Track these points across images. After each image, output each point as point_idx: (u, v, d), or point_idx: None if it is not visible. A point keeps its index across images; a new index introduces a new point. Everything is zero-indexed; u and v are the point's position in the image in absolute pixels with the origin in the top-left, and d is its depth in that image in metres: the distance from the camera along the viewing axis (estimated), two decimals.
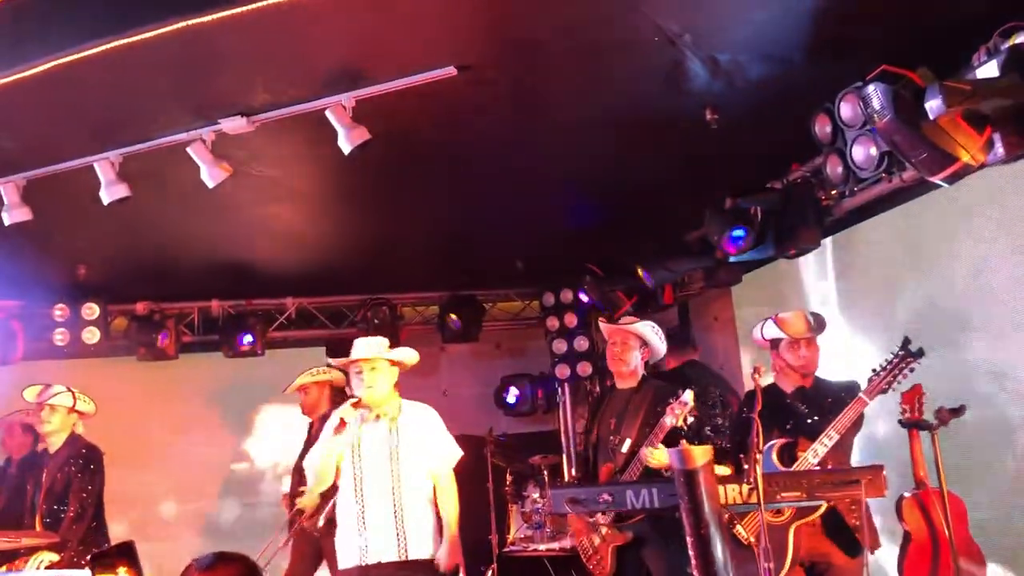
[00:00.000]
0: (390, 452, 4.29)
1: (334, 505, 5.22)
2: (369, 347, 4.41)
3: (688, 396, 4.25)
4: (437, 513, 4.37)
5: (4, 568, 4.81)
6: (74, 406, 5.44)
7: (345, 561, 4.30)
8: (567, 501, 3.88)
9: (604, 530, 4.50)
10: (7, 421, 5.92)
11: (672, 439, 4.27)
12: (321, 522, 5.37)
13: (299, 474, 6.03)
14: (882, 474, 3.47)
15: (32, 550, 4.95)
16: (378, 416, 4.36)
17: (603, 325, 4.93)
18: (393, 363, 4.42)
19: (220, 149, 4.26)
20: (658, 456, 4.25)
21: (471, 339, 8.03)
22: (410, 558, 4.17)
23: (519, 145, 4.91)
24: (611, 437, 4.58)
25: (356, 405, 4.29)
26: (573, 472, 7.94)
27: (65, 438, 5.43)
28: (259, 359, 7.47)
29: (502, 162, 5.12)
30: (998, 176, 4.04)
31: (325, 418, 6.08)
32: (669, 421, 4.24)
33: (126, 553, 1.99)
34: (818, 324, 4.24)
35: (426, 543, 4.24)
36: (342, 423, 4.24)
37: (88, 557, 1.90)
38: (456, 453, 4.48)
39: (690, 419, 4.27)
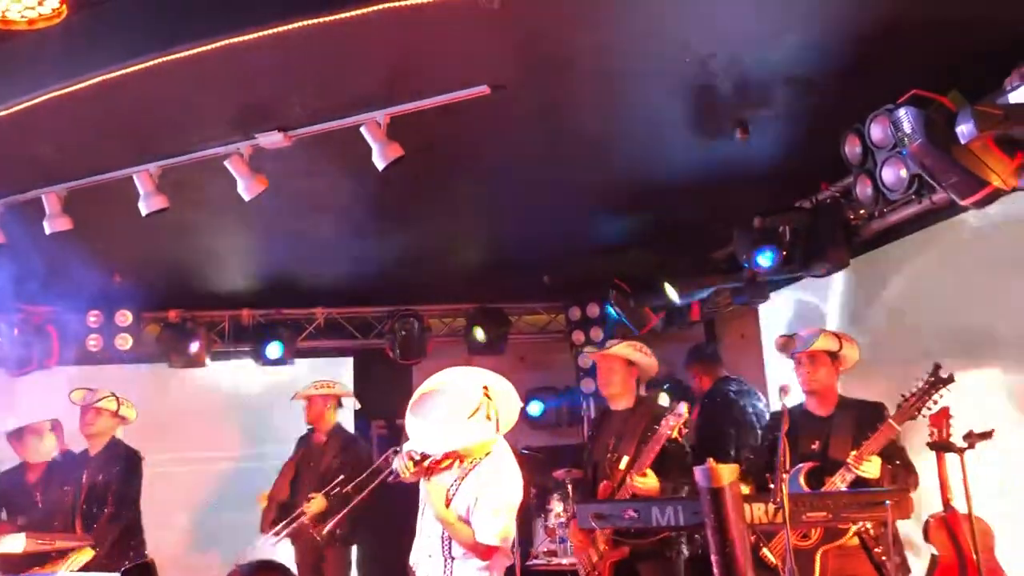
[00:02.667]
0: (446, 498, 3.82)
1: (341, 518, 5.29)
2: (428, 436, 3.72)
3: (683, 408, 4.40)
4: (498, 558, 3.86)
5: (36, 570, 4.90)
6: (118, 411, 5.60)
7: (412, 563, 4.10)
8: (592, 517, 3.91)
9: (602, 546, 4.54)
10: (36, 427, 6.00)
11: (665, 457, 4.39)
12: (326, 530, 5.50)
13: (287, 477, 6.12)
14: (909, 496, 3.48)
15: (64, 552, 5.05)
16: (452, 463, 3.87)
17: (589, 354, 5.03)
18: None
19: (256, 163, 4.34)
20: (644, 483, 4.32)
21: (497, 352, 8.07)
22: None
23: (548, 160, 4.95)
24: (608, 455, 4.67)
25: (419, 465, 3.83)
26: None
27: (106, 442, 5.57)
28: (288, 367, 7.56)
29: (531, 177, 5.16)
30: None
31: (334, 434, 6.17)
32: (666, 433, 4.35)
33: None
34: (790, 343, 4.25)
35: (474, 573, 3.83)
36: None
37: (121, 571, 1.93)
38: (493, 533, 3.72)
39: (684, 430, 4.36)
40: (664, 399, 6.34)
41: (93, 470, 5.47)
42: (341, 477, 5.63)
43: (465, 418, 3.70)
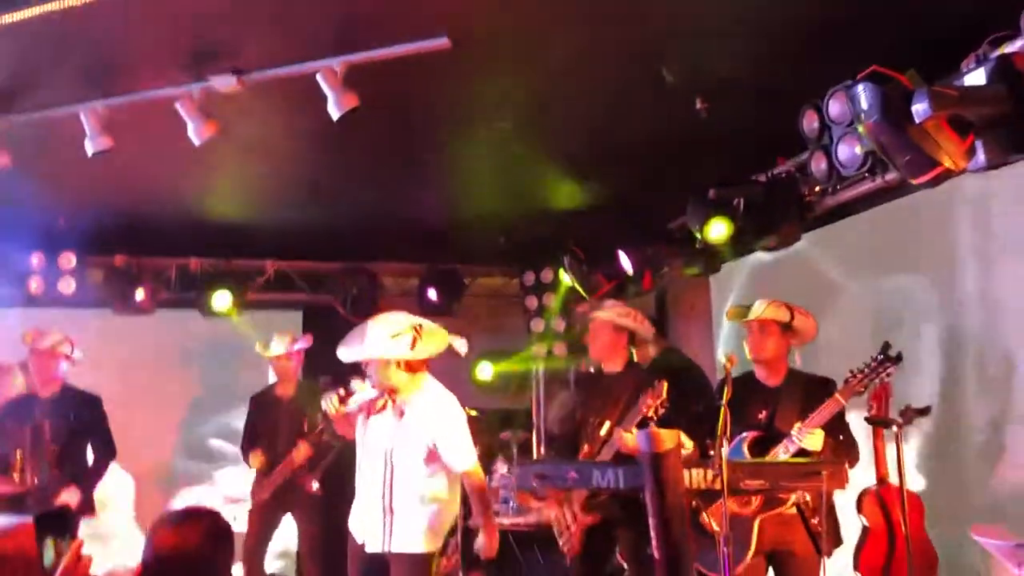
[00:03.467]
0: (385, 446, 4.08)
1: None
2: (368, 347, 4.03)
3: (662, 388, 4.30)
4: (437, 505, 4.12)
5: None
6: (71, 354, 5.51)
7: (350, 526, 4.26)
8: (534, 476, 3.94)
9: (577, 509, 4.55)
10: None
11: (645, 424, 4.31)
12: (316, 482, 5.54)
13: (267, 437, 6.10)
14: (844, 467, 3.56)
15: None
16: (384, 404, 4.13)
17: (579, 311, 4.99)
18: (388, 360, 4.02)
19: (208, 106, 4.23)
20: (631, 439, 4.29)
21: (449, 313, 8.03)
22: (392, 551, 4.04)
23: (507, 120, 4.90)
24: (591, 419, 4.64)
25: (344, 399, 4.08)
26: (542, 450, 8.01)
27: (60, 385, 5.54)
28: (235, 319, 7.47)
29: (488, 137, 5.12)
30: None
31: (301, 384, 6.17)
32: (642, 411, 4.30)
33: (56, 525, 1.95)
34: (743, 312, 4.28)
35: (411, 539, 4.03)
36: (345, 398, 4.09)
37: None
38: (468, 460, 4.14)
39: (661, 410, 4.30)
40: None
41: (55, 413, 5.41)
42: (321, 426, 5.62)
43: (388, 336, 3.98)
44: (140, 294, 7.09)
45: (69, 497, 5.23)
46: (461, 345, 4.21)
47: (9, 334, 5.76)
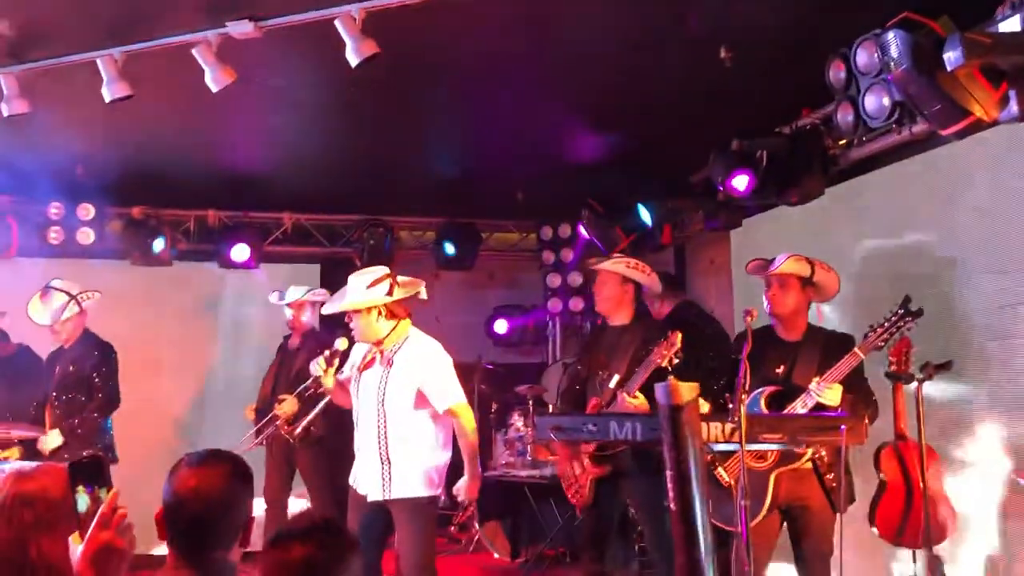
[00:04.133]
0: (377, 395, 4.16)
1: (312, 419, 5.34)
2: (347, 300, 4.17)
3: (676, 338, 4.27)
4: (432, 450, 4.19)
5: None
6: (82, 310, 5.52)
7: (351, 479, 4.34)
8: (551, 428, 3.93)
9: (585, 460, 4.56)
10: None
11: (656, 378, 4.29)
12: (298, 430, 5.54)
13: (268, 385, 6.13)
14: (864, 422, 3.53)
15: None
16: (374, 357, 4.25)
17: (589, 264, 4.95)
18: (369, 309, 4.13)
19: (225, 54, 4.19)
20: (636, 404, 4.30)
21: (465, 267, 8.04)
22: (392, 497, 4.11)
23: (527, 72, 4.85)
24: (600, 372, 4.63)
25: (331, 359, 4.29)
26: (557, 404, 8.04)
27: (79, 335, 5.60)
28: (252, 271, 7.50)
29: (509, 89, 5.06)
30: None
31: (308, 336, 6.17)
32: (656, 361, 4.28)
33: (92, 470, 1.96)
34: (764, 266, 4.22)
35: (411, 484, 4.11)
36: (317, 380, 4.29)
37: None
38: (453, 399, 4.19)
39: (675, 360, 4.28)
40: None
41: (66, 361, 5.49)
42: (312, 378, 5.61)
43: (365, 286, 4.13)
44: (159, 245, 7.11)
45: (51, 440, 5.26)
46: (424, 292, 4.36)
47: (30, 284, 5.77)
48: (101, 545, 1.79)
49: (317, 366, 4.26)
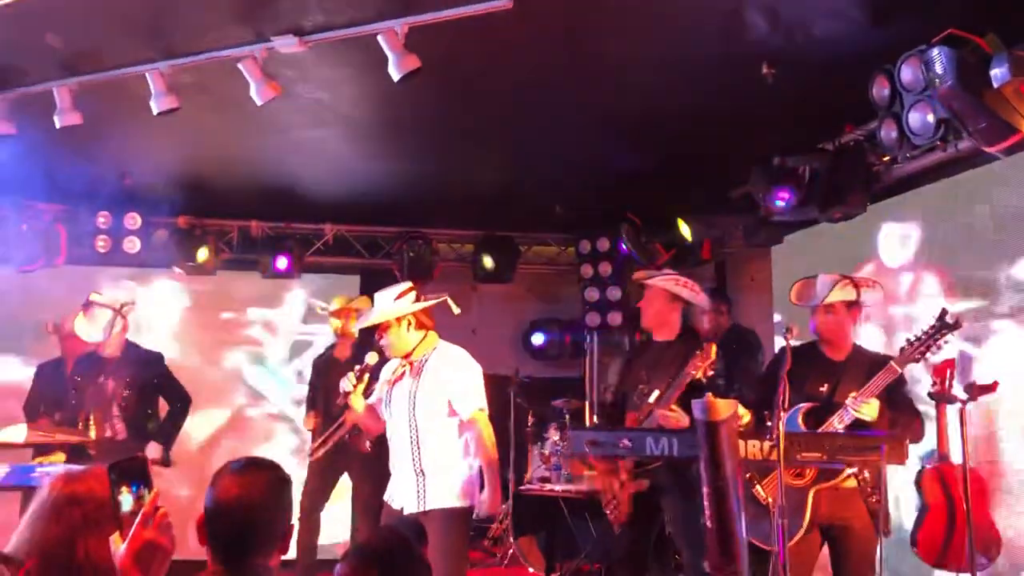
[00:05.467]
0: (408, 408, 4.15)
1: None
2: (375, 313, 4.23)
3: (711, 350, 4.23)
4: (465, 459, 4.18)
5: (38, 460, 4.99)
6: (126, 323, 5.61)
7: (387, 498, 4.33)
8: (587, 443, 3.94)
9: (624, 476, 4.53)
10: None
11: (694, 393, 4.26)
12: (367, 443, 5.62)
13: (315, 392, 6.22)
14: (905, 442, 3.47)
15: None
16: (405, 370, 4.26)
17: (635, 277, 4.92)
18: (399, 320, 4.16)
19: (271, 68, 4.27)
20: (673, 416, 4.26)
21: (504, 280, 8.06)
22: (428, 508, 4.08)
23: (567, 85, 4.86)
24: (640, 387, 4.60)
25: (360, 374, 4.28)
26: (594, 419, 8.02)
27: (123, 344, 5.65)
28: (293, 281, 7.64)
29: (549, 103, 5.08)
30: None
31: (355, 345, 6.24)
32: (691, 372, 4.25)
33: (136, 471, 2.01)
34: (802, 294, 4.17)
35: (445, 495, 4.09)
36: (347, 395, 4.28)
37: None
38: (476, 405, 4.17)
39: (710, 372, 4.24)
40: None
41: (117, 372, 5.54)
42: (343, 393, 5.67)
43: (392, 298, 4.20)
44: (203, 255, 7.23)
45: (152, 453, 5.39)
46: (455, 306, 4.36)
47: (78, 292, 5.87)
48: (145, 543, 1.84)
49: (347, 381, 4.26)
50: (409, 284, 4.31)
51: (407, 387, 4.20)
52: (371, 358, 4.30)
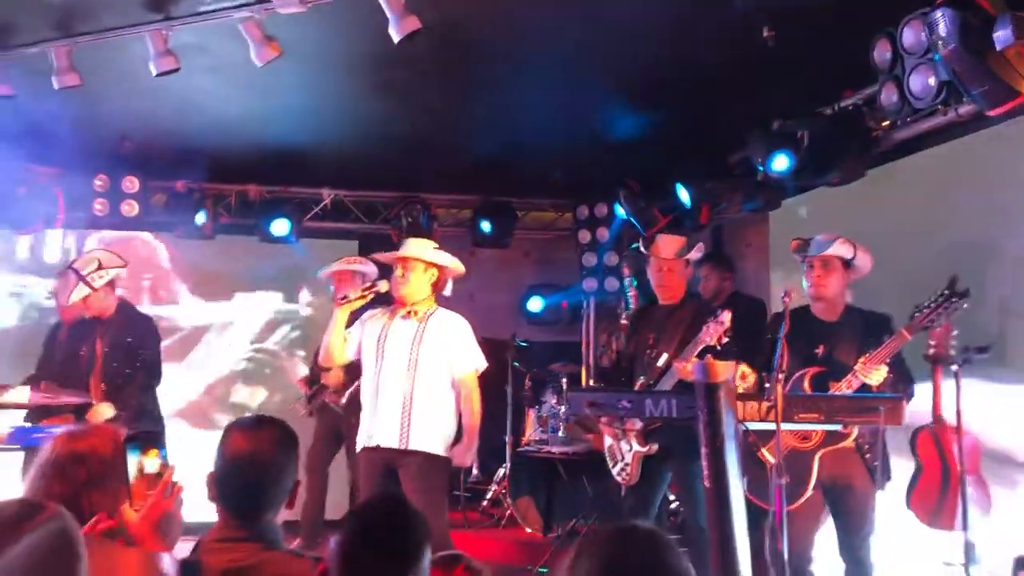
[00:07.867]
0: (411, 348, 4.32)
1: (357, 387, 5.41)
2: (412, 248, 4.45)
3: (726, 317, 4.25)
4: (451, 415, 4.38)
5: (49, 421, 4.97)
6: (112, 282, 5.35)
7: (359, 442, 4.44)
8: (587, 404, 3.96)
9: (633, 440, 4.57)
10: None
11: (704, 356, 4.29)
12: (344, 399, 5.63)
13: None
14: (902, 403, 3.50)
15: (82, 407, 5.10)
16: (409, 313, 4.40)
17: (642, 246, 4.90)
18: (431, 265, 4.42)
19: (270, 28, 4.24)
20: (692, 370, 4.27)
21: (501, 245, 8.08)
22: (409, 448, 4.22)
23: (565, 48, 4.84)
24: (648, 351, 4.62)
25: (368, 290, 4.37)
26: (590, 383, 8.07)
27: (115, 305, 5.44)
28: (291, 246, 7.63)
29: (549, 66, 5.05)
30: None
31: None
32: (705, 339, 4.27)
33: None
34: (805, 246, 4.18)
35: (429, 438, 4.26)
36: (345, 298, 4.34)
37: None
38: (478, 363, 4.45)
39: (724, 339, 4.26)
40: None
41: (109, 333, 5.33)
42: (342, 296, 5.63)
43: (431, 247, 4.49)
44: (201, 219, 7.22)
45: (102, 411, 5.12)
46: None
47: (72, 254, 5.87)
48: (165, 512, 1.95)
49: (353, 292, 4.39)
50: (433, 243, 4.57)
51: (412, 328, 4.35)
52: (383, 285, 4.39)
